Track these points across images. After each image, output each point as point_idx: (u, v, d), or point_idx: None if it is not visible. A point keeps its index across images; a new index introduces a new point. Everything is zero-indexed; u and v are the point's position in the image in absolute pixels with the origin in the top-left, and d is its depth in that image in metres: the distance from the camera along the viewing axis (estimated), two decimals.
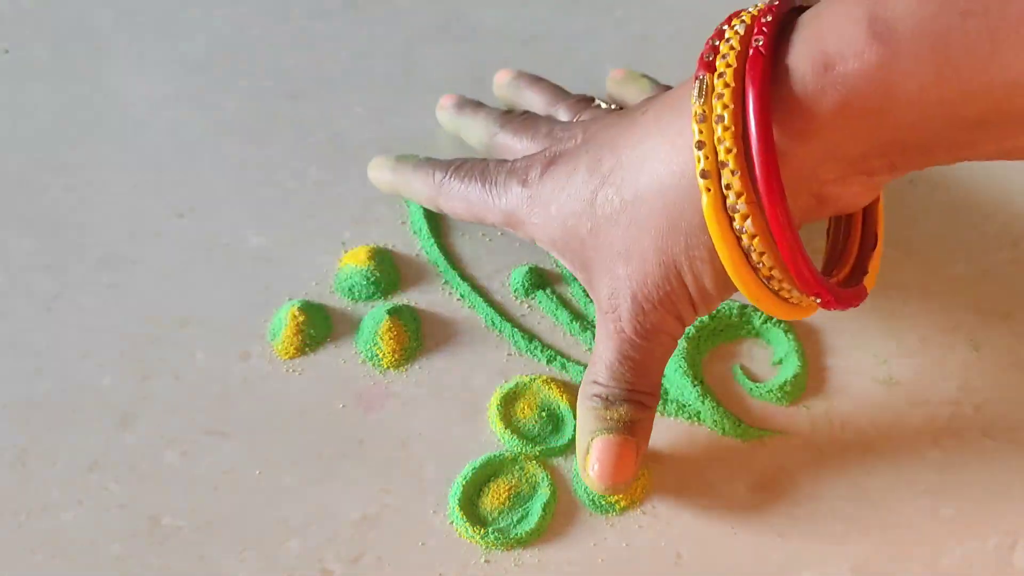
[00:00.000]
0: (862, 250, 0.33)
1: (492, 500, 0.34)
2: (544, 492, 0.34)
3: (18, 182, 0.42)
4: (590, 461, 0.32)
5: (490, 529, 0.33)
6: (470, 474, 0.34)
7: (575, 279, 0.40)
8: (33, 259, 0.40)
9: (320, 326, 0.38)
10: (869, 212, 0.33)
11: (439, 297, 0.39)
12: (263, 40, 0.47)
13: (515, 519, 0.34)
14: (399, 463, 0.35)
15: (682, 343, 0.37)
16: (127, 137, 0.44)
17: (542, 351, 0.38)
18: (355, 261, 0.40)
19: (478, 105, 0.42)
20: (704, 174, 0.28)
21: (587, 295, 0.39)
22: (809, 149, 0.28)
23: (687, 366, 0.37)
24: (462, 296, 0.39)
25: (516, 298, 0.40)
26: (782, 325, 0.38)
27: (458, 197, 0.37)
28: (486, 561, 0.33)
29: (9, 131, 0.44)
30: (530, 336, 0.38)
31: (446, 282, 0.40)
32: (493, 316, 0.39)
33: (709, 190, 0.28)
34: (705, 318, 0.38)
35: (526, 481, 0.35)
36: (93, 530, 0.33)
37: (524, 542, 0.33)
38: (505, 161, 0.36)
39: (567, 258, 0.34)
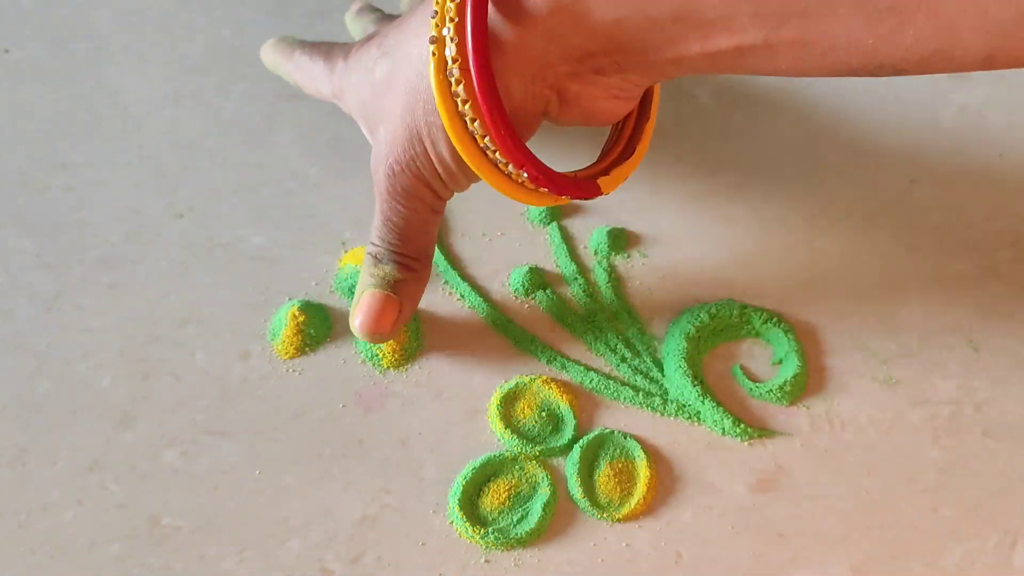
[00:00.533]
0: (620, 158, 0.35)
1: (492, 500, 0.34)
2: (544, 492, 0.34)
3: (18, 182, 0.42)
4: (354, 312, 0.35)
5: (490, 529, 0.33)
6: (470, 474, 0.34)
7: (575, 280, 0.40)
8: (33, 259, 0.40)
9: (320, 326, 0.38)
10: (637, 127, 0.35)
11: (439, 297, 0.39)
12: (263, 40, 0.47)
13: (515, 519, 0.34)
14: (399, 463, 0.35)
15: (682, 343, 0.37)
16: (127, 137, 0.44)
17: (542, 351, 0.38)
18: (355, 261, 0.40)
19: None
20: (432, 40, 0.30)
21: (587, 294, 0.39)
22: (531, 36, 0.30)
23: (687, 366, 0.37)
24: (462, 296, 0.39)
25: (516, 298, 0.40)
26: (782, 325, 0.38)
27: (305, 71, 0.39)
28: (486, 561, 0.33)
29: (9, 131, 0.44)
30: (530, 336, 0.38)
31: (446, 282, 0.40)
32: (493, 316, 0.39)
33: (435, 55, 0.30)
34: (705, 318, 0.38)
35: (526, 481, 0.35)
36: (93, 530, 0.33)
37: (524, 542, 0.33)
38: (348, 44, 0.38)
39: (362, 124, 0.36)
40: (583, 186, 0.33)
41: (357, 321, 0.35)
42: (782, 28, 0.28)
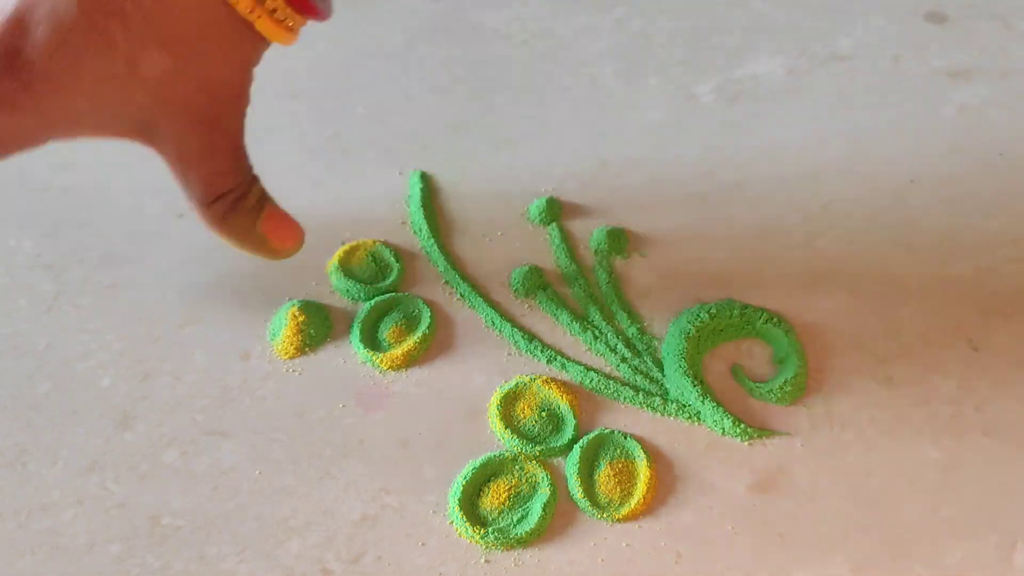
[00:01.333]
0: None
1: (492, 500, 0.34)
2: (544, 492, 0.34)
3: (18, 182, 0.42)
4: (272, 244, 0.35)
5: (490, 529, 0.33)
6: (470, 474, 0.34)
7: (576, 280, 0.40)
8: (33, 259, 0.40)
9: (320, 326, 0.38)
10: None
11: (439, 297, 0.39)
12: None
13: (515, 519, 0.34)
14: (399, 463, 0.35)
15: (682, 343, 0.37)
16: None
17: (542, 351, 0.38)
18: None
19: None
20: None
21: (587, 294, 0.39)
22: None
23: (687, 366, 0.37)
24: (462, 296, 0.39)
25: (516, 298, 0.40)
26: (782, 325, 0.38)
27: None
28: (486, 561, 0.33)
29: None
30: (530, 336, 0.38)
31: (446, 282, 0.40)
32: (493, 316, 0.39)
33: None
34: (705, 317, 0.38)
35: (526, 481, 0.35)
36: (93, 530, 0.33)
37: (524, 542, 0.33)
38: None
39: (128, 129, 0.34)
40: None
41: (285, 245, 0.35)
42: None
